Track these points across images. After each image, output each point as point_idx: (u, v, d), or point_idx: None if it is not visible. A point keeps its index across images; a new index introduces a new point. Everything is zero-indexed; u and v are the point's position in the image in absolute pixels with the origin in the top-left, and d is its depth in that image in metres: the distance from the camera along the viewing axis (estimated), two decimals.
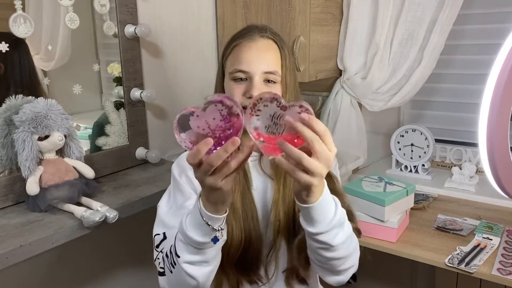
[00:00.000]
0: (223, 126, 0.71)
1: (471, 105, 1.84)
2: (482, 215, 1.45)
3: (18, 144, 1.09)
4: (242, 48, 0.94)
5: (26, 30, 1.16)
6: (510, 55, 0.71)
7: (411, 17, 1.53)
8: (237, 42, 0.96)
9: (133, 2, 1.41)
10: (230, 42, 0.99)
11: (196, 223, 0.78)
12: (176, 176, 1.00)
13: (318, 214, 0.78)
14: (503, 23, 1.68)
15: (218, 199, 0.75)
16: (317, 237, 0.80)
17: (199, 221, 0.78)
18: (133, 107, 1.46)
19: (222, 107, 0.71)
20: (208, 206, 0.76)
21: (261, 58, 0.93)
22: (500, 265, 1.15)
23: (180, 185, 0.98)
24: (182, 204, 0.96)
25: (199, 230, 0.78)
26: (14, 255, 0.96)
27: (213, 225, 0.77)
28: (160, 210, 0.99)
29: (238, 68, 0.93)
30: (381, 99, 1.67)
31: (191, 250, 0.81)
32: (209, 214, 0.76)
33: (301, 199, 0.77)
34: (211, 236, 0.78)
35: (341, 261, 0.86)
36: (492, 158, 0.76)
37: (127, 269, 1.58)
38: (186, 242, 0.80)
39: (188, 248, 0.81)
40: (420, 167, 1.80)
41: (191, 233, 0.78)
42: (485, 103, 0.75)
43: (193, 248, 0.80)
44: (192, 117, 0.72)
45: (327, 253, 0.83)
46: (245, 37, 0.96)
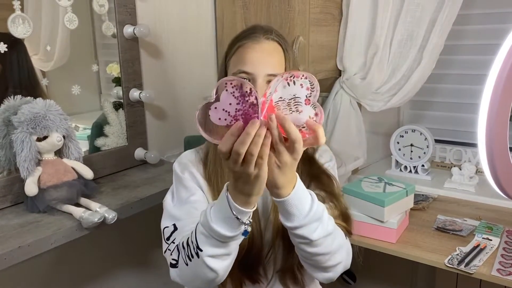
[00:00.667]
0: (242, 109, 0.69)
1: (470, 105, 1.84)
2: (482, 215, 1.45)
3: (17, 145, 1.09)
4: (246, 49, 0.93)
5: (24, 31, 1.16)
6: (508, 56, 0.70)
7: (411, 17, 1.53)
8: (242, 43, 0.95)
9: (132, 2, 1.41)
10: (234, 42, 0.98)
11: (224, 217, 0.77)
12: (178, 172, 1.01)
13: (293, 207, 0.78)
14: (502, 24, 1.68)
15: (252, 189, 0.73)
16: (295, 231, 0.80)
17: (227, 214, 0.76)
18: (132, 107, 1.46)
19: (233, 90, 0.69)
20: (239, 198, 0.75)
21: (266, 60, 0.93)
22: (500, 266, 1.15)
23: (183, 180, 0.99)
24: (187, 198, 0.97)
25: (227, 224, 0.77)
26: (13, 256, 0.96)
27: (243, 218, 0.76)
28: (166, 204, 1.00)
29: (242, 69, 0.92)
30: (380, 100, 1.67)
31: (215, 243, 0.79)
32: (239, 207, 0.75)
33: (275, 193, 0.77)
34: (239, 229, 0.77)
35: (326, 257, 0.86)
36: (491, 158, 0.76)
37: (126, 270, 1.58)
38: (210, 236, 0.79)
39: (212, 241, 0.79)
40: (419, 167, 1.80)
41: (218, 227, 0.77)
42: (484, 104, 0.74)
43: (218, 241, 0.79)
44: (211, 112, 0.70)
45: (308, 248, 0.84)
46: (250, 38, 0.95)
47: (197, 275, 0.85)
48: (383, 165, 1.95)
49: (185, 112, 1.70)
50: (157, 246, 1.63)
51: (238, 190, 0.75)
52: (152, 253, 1.64)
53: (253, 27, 0.99)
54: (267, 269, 1.00)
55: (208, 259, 0.81)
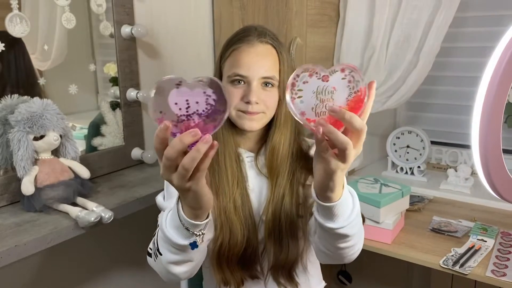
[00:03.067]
0: (202, 116, 0.63)
1: (466, 107, 1.84)
2: (477, 217, 1.46)
3: (14, 144, 1.09)
4: (241, 53, 0.95)
5: (22, 30, 1.16)
6: (501, 60, 0.71)
7: (407, 19, 1.54)
8: (236, 47, 0.96)
9: (129, 2, 1.41)
10: (228, 45, 0.98)
11: (176, 225, 0.75)
12: None
13: (340, 210, 0.77)
14: (498, 26, 1.68)
15: (193, 203, 0.70)
16: (338, 231, 0.79)
17: (178, 223, 0.75)
18: (129, 107, 1.46)
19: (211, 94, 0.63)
20: (186, 210, 0.73)
21: (260, 63, 0.94)
22: (494, 267, 1.16)
23: None
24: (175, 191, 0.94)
25: (180, 233, 0.76)
26: (9, 255, 0.96)
27: (193, 230, 0.74)
28: (159, 202, 1.01)
29: (237, 72, 0.94)
30: (377, 101, 1.68)
31: (172, 250, 0.79)
32: (188, 219, 0.73)
33: (324, 196, 0.75)
34: (190, 240, 0.75)
35: (353, 248, 0.86)
36: (485, 160, 0.77)
37: (123, 270, 1.58)
38: (167, 242, 0.78)
39: (169, 248, 0.79)
40: (415, 168, 1.81)
41: (171, 234, 0.76)
42: (477, 107, 0.75)
43: (174, 248, 0.78)
44: (176, 90, 0.62)
45: (342, 244, 0.83)
46: (244, 41, 0.96)
47: (162, 273, 0.88)
48: (379, 166, 1.96)
49: None
50: None
51: (185, 203, 0.72)
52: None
53: (247, 28, 1.00)
54: (263, 265, 1.02)
55: (167, 264, 0.81)
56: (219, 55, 1.01)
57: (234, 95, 0.94)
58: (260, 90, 0.94)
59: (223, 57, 0.99)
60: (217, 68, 1.02)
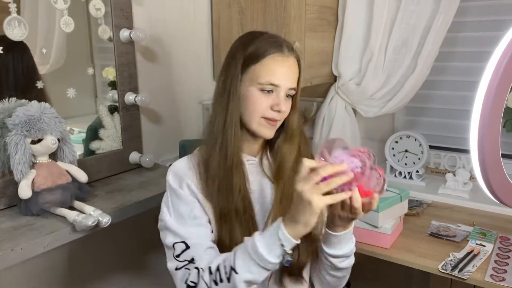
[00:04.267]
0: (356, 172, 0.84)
1: (465, 112, 1.85)
2: (476, 221, 1.45)
3: (11, 147, 1.09)
4: (277, 62, 0.97)
5: (20, 33, 1.16)
6: (499, 64, 0.71)
7: (406, 24, 1.54)
8: (269, 53, 0.97)
9: (128, 6, 1.41)
10: (262, 49, 0.97)
11: (269, 243, 0.85)
12: (175, 186, 1.00)
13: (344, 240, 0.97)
14: (497, 31, 1.69)
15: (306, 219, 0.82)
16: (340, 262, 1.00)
17: (274, 241, 0.84)
18: (127, 111, 1.46)
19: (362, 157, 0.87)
20: (293, 229, 0.84)
21: (289, 75, 0.99)
22: (493, 272, 1.16)
23: (182, 195, 0.99)
24: (189, 214, 0.97)
25: (271, 251, 0.85)
26: (5, 259, 0.95)
27: (288, 248, 0.84)
28: (165, 219, 0.99)
29: (272, 81, 0.96)
30: (375, 106, 1.68)
31: (254, 269, 0.86)
32: (289, 237, 0.83)
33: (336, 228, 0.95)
34: (282, 258, 0.85)
35: (345, 278, 1.06)
36: (484, 164, 0.77)
37: (120, 274, 1.57)
38: (252, 260, 0.86)
39: (252, 267, 0.86)
40: (414, 173, 1.80)
41: (263, 251, 0.85)
42: (476, 111, 0.75)
43: (259, 267, 0.86)
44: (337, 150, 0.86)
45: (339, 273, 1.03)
46: (279, 50, 0.97)
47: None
48: None
49: (180, 116, 1.70)
50: (151, 250, 1.63)
51: (294, 219, 0.83)
52: (145, 257, 1.63)
53: (275, 36, 1.01)
54: None
55: (240, 283, 0.87)
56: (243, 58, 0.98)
57: (263, 103, 0.97)
58: (287, 101, 1.00)
59: (250, 61, 0.98)
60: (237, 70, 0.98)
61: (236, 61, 0.98)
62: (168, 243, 0.97)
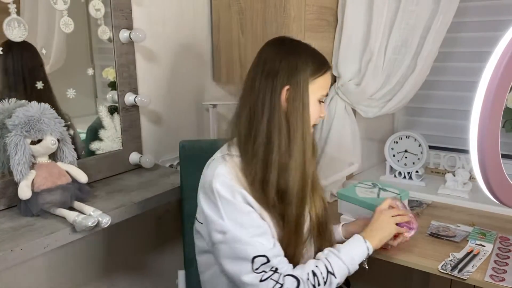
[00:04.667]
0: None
1: (464, 112, 1.83)
2: (475, 221, 1.45)
3: (11, 148, 1.09)
4: (326, 77, 1.08)
5: (20, 34, 1.16)
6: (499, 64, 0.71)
7: (405, 24, 1.54)
8: (327, 67, 1.08)
9: (128, 7, 1.41)
10: (320, 66, 1.07)
11: (359, 252, 1.09)
12: (228, 197, 0.99)
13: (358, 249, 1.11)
14: (496, 32, 1.69)
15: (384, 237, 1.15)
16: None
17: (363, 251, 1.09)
18: (127, 112, 1.46)
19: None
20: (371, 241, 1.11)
21: None
22: (493, 272, 1.16)
23: (238, 206, 0.99)
24: (252, 223, 1.00)
25: (361, 258, 1.09)
26: (5, 260, 0.95)
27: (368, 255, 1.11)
28: (232, 234, 0.98)
29: (326, 93, 1.10)
30: (375, 106, 1.68)
31: (345, 273, 1.05)
32: (373, 249, 1.11)
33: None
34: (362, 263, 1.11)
35: None
36: (483, 164, 0.77)
37: (120, 274, 1.57)
38: (345, 265, 1.04)
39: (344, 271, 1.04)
40: (414, 173, 1.81)
41: (357, 259, 1.07)
42: (475, 111, 0.75)
43: (348, 272, 1.06)
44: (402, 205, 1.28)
45: None
46: (327, 66, 1.09)
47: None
48: (378, 170, 1.96)
49: (180, 117, 1.70)
50: (151, 250, 1.63)
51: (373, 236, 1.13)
52: (145, 257, 1.63)
53: (321, 55, 1.10)
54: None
55: (334, 286, 1.02)
56: (311, 71, 1.05)
57: (317, 112, 1.08)
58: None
59: (315, 74, 1.05)
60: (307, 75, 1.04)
61: (305, 77, 1.04)
62: (244, 256, 0.97)
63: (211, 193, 1.00)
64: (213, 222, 1.00)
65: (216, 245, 1.01)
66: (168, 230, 1.66)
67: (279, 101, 1.02)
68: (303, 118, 1.03)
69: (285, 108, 1.03)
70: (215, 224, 0.99)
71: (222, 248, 0.99)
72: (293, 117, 1.02)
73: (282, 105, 1.02)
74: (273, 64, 1.03)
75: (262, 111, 1.02)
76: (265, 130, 1.01)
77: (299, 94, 1.02)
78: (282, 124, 1.01)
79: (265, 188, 1.01)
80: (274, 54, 1.05)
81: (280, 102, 1.02)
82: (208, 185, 1.01)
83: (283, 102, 1.02)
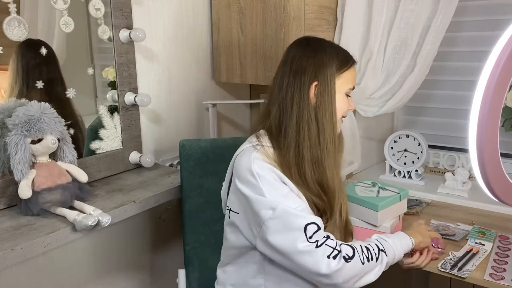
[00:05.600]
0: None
1: (464, 111, 1.85)
2: (475, 220, 1.46)
3: (11, 147, 1.09)
4: (352, 71, 1.13)
5: (20, 33, 1.16)
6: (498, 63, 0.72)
7: (405, 23, 1.55)
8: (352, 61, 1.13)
9: (128, 6, 1.41)
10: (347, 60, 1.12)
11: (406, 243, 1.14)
12: (268, 177, 1.03)
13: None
14: (495, 31, 1.69)
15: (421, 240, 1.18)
16: None
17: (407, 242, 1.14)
18: (127, 111, 1.46)
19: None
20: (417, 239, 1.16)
21: None
22: (493, 270, 1.16)
23: (277, 185, 1.03)
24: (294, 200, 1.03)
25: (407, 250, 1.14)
26: (6, 259, 0.96)
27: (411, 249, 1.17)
28: (283, 206, 1.00)
29: (353, 86, 1.14)
30: (375, 105, 1.68)
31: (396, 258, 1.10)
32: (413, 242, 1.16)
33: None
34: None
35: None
36: (483, 163, 0.77)
37: (120, 274, 1.57)
38: (394, 251, 1.09)
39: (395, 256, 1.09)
40: (413, 172, 1.81)
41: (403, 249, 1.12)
42: (474, 111, 0.75)
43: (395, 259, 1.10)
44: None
45: None
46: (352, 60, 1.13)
47: (363, 273, 1.02)
48: (377, 170, 1.96)
49: (180, 117, 1.70)
50: (151, 250, 1.63)
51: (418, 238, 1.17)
52: (145, 257, 1.63)
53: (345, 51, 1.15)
54: None
55: (384, 265, 1.06)
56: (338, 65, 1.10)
57: (345, 105, 1.13)
58: None
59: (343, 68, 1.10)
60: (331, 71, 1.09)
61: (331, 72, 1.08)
62: (297, 226, 0.99)
63: (251, 176, 1.02)
64: (258, 201, 1.02)
65: (265, 222, 1.01)
66: (168, 229, 1.66)
67: (308, 97, 1.07)
68: (332, 112, 1.08)
69: (314, 104, 1.08)
70: (261, 202, 1.01)
71: (271, 224, 1.00)
72: (321, 112, 1.07)
73: (311, 101, 1.08)
74: (300, 62, 1.08)
75: (291, 108, 1.07)
76: (295, 125, 1.07)
77: (327, 89, 1.08)
78: (311, 119, 1.07)
79: (303, 180, 1.07)
80: (300, 53, 1.10)
81: (309, 98, 1.07)
82: (247, 169, 1.03)
83: (312, 98, 1.08)
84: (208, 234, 1.38)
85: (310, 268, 0.97)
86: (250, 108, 2.04)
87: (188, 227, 1.36)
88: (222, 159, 1.39)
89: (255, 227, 1.03)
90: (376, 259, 1.03)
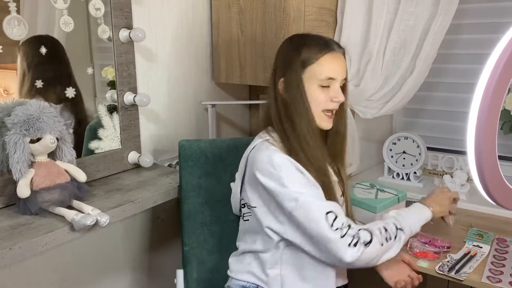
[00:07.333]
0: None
1: (463, 114, 1.86)
2: (473, 223, 1.46)
3: (10, 146, 1.09)
4: (332, 59, 1.11)
5: (20, 33, 1.16)
6: (497, 66, 0.72)
7: (404, 25, 1.55)
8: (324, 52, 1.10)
9: (128, 6, 1.41)
10: (315, 50, 1.11)
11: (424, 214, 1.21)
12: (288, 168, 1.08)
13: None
14: (494, 33, 1.70)
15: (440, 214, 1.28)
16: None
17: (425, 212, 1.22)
18: (126, 111, 1.46)
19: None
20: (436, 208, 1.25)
21: (342, 66, 1.14)
22: (490, 273, 1.16)
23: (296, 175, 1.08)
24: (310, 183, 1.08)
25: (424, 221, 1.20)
26: (3, 258, 0.95)
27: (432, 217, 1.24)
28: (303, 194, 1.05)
29: (329, 76, 1.10)
30: (373, 107, 1.68)
31: (412, 232, 1.16)
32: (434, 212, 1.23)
33: None
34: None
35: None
36: (480, 166, 0.77)
37: (118, 274, 1.57)
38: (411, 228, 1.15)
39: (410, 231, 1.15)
40: (412, 174, 1.81)
41: (422, 221, 1.21)
42: (473, 113, 0.76)
43: (411, 232, 1.16)
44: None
45: None
46: (329, 48, 1.11)
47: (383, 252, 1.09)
48: (376, 171, 1.96)
49: (179, 117, 1.70)
50: (150, 250, 1.63)
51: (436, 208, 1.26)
52: (144, 257, 1.63)
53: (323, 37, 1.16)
54: None
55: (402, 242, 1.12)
56: (304, 58, 1.11)
57: (322, 97, 1.11)
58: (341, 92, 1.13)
59: (310, 60, 1.10)
60: (295, 75, 1.11)
61: (295, 67, 1.11)
62: (319, 215, 1.04)
63: (272, 168, 1.06)
64: (281, 193, 1.06)
65: (291, 213, 1.05)
66: (166, 229, 1.66)
67: (278, 93, 1.14)
68: (304, 105, 1.10)
69: (287, 99, 1.13)
70: (284, 194, 1.05)
71: (297, 214, 1.05)
72: (292, 106, 1.11)
73: (282, 96, 1.13)
74: (276, 61, 1.17)
75: (270, 105, 1.16)
76: (276, 121, 1.14)
77: (294, 84, 1.11)
78: (281, 114, 1.12)
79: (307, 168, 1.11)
80: (278, 52, 1.18)
81: (278, 94, 1.14)
82: (267, 162, 1.08)
83: (283, 94, 1.13)
84: (206, 234, 1.38)
85: (334, 255, 1.04)
86: (249, 109, 2.04)
87: (186, 227, 1.36)
88: (221, 159, 1.39)
89: (282, 216, 1.08)
90: (395, 238, 1.10)
